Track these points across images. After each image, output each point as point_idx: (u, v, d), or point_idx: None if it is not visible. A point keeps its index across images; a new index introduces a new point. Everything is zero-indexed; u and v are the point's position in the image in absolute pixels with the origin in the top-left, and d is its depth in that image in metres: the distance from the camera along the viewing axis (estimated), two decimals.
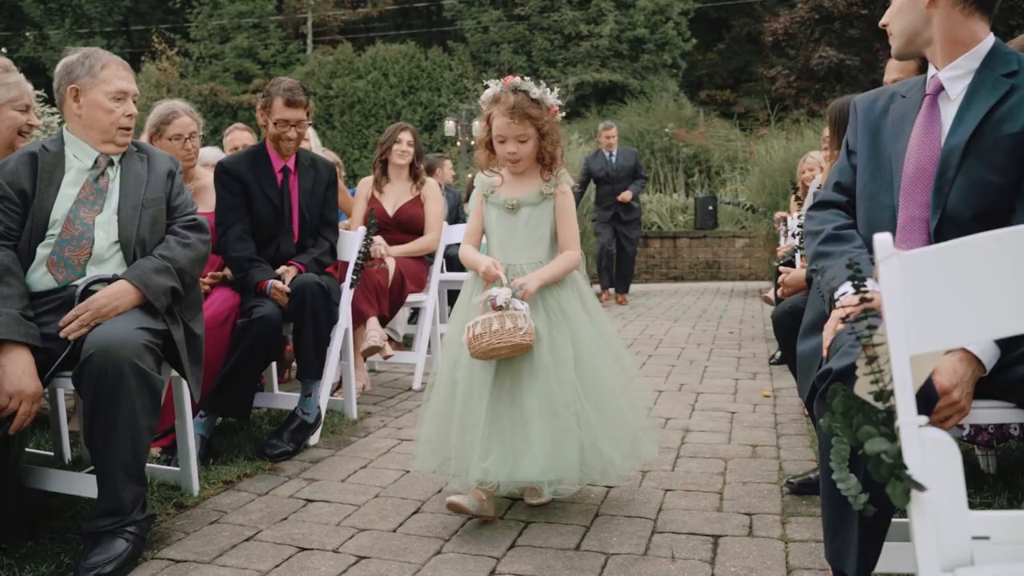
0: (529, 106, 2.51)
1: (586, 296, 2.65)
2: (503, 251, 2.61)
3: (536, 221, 2.59)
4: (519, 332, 2.34)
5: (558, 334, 2.51)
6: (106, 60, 2.63)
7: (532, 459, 2.38)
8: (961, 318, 1.07)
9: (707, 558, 2.24)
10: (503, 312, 2.37)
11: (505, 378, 2.48)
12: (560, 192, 2.60)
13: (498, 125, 2.53)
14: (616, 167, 8.68)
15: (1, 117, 2.69)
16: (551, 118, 2.57)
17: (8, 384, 2.19)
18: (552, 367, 2.45)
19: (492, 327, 2.35)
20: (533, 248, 2.59)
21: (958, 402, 1.55)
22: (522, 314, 2.39)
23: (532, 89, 2.53)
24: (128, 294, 2.39)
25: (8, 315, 2.25)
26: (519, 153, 2.54)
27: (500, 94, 2.54)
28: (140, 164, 2.63)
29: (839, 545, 1.53)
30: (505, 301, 2.39)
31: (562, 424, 2.41)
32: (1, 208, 2.42)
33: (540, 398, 2.43)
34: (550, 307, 2.55)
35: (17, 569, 2.19)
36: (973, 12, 1.85)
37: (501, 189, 2.63)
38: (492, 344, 2.35)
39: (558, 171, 2.61)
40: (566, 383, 2.45)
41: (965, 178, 1.80)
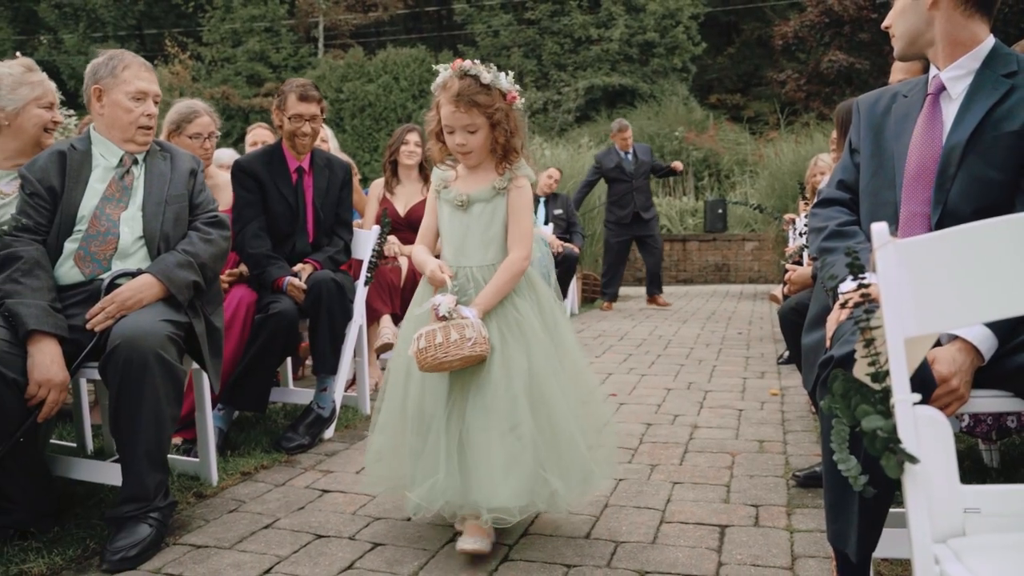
0: (477, 92, 2.27)
1: (545, 303, 2.42)
2: (455, 252, 2.40)
3: (488, 219, 2.36)
4: (467, 343, 2.15)
5: (511, 345, 2.28)
6: (128, 61, 2.71)
7: (478, 483, 2.17)
8: (954, 302, 1.13)
9: (714, 547, 2.30)
10: (448, 323, 2.17)
11: (456, 392, 2.30)
12: (515, 187, 2.36)
13: (445, 114, 2.31)
14: (637, 164, 8.38)
15: (27, 115, 2.77)
16: (505, 105, 2.32)
17: (37, 373, 2.27)
18: (503, 381, 2.23)
19: (436, 340, 2.15)
20: (486, 249, 2.37)
21: (957, 390, 1.60)
22: (469, 323, 2.18)
23: (483, 74, 2.28)
24: (152, 287, 2.47)
25: (37, 307, 2.33)
26: (469, 145, 2.31)
27: (448, 80, 2.30)
28: (163, 162, 2.71)
29: (840, 526, 1.58)
30: (449, 311, 2.19)
31: (516, 443, 2.19)
32: (31, 204, 2.50)
33: (488, 415, 2.21)
34: (502, 314, 2.32)
35: (46, 552, 2.27)
36: (974, 14, 1.90)
37: (455, 184, 2.42)
38: (438, 358, 2.15)
39: (516, 164, 2.37)
40: (520, 399, 2.22)
41: (966, 175, 1.85)
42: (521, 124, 2.37)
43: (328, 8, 27.74)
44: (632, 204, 8.38)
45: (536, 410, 2.24)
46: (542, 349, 2.30)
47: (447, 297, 2.22)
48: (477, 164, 2.38)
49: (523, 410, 2.21)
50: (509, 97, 2.33)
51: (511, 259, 2.32)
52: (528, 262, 2.35)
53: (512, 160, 2.36)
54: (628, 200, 8.39)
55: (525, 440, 2.19)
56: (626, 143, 8.45)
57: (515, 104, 2.35)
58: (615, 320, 7.60)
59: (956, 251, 1.15)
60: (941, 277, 1.15)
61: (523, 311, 2.33)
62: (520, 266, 2.33)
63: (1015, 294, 1.13)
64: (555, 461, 2.24)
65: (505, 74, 2.32)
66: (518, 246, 2.33)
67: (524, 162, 2.38)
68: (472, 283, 2.34)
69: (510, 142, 2.33)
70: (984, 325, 1.63)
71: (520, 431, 2.19)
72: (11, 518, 2.35)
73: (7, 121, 2.74)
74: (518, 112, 2.37)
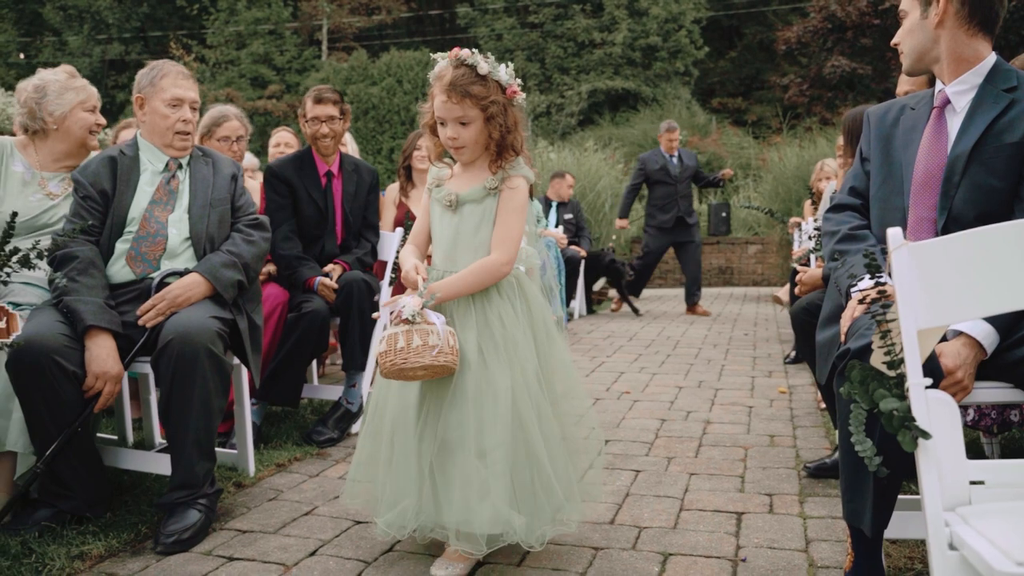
0: (472, 83, 2.11)
1: (538, 316, 2.24)
2: (444, 256, 2.25)
3: (478, 221, 2.20)
4: (430, 351, 1.98)
5: (492, 362, 2.09)
6: (167, 71, 2.85)
7: (453, 506, 2.04)
8: (961, 298, 1.27)
9: (732, 531, 2.44)
10: (412, 327, 2.01)
11: (431, 405, 2.14)
12: (507, 187, 2.19)
13: (437, 105, 2.16)
14: (681, 168, 8.13)
15: (74, 118, 2.91)
16: (503, 99, 2.16)
17: (95, 366, 2.42)
18: (477, 397, 2.07)
19: (397, 344, 2.00)
20: (475, 254, 2.19)
21: (961, 381, 1.74)
22: (435, 329, 2.01)
23: (480, 63, 2.12)
24: (200, 286, 2.61)
25: (94, 303, 2.48)
26: (461, 139, 2.15)
27: (443, 69, 2.16)
28: (206, 167, 2.86)
29: (856, 505, 1.72)
30: (413, 313, 2.01)
31: (494, 467, 2.02)
32: (85, 206, 2.65)
33: (467, 434, 2.05)
34: (484, 327, 2.14)
35: (103, 536, 2.41)
36: (976, 33, 2.05)
37: (449, 182, 2.27)
38: (397, 364, 1.99)
39: (512, 163, 2.20)
40: (497, 420, 2.04)
41: (969, 183, 1.99)
42: (521, 121, 2.21)
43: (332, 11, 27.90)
44: (676, 208, 8.11)
45: (513, 435, 2.06)
46: (526, 367, 2.11)
47: (412, 299, 2.05)
48: (470, 160, 2.22)
49: (503, 431, 2.03)
50: (509, 91, 2.17)
51: (490, 260, 2.15)
52: (510, 268, 2.17)
53: (507, 159, 2.19)
54: (672, 204, 8.13)
55: (503, 464, 2.02)
56: (672, 145, 8.19)
57: (515, 99, 2.19)
58: (623, 321, 7.74)
59: (963, 253, 1.29)
60: (949, 275, 1.30)
61: (509, 325, 2.15)
62: (497, 270, 2.14)
63: (1015, 291, 1.28)
64: (527, 495, 2.07)
65: (505, 66, 2.17)
66: (500, 248, 2.15)
67: (522, 161, 2.22)
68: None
69: (506, 139, 2.16)
70: (986, 321, 1.77)
71: (498, 454, 2.02)
72: (68, 504, 2.49)
73: (55, 125, 2.88)
74: (518, 108, 2.21)
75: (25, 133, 2.94)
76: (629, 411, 3.98)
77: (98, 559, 2.31)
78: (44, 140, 2.91)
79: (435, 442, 2.09)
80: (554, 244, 6.89)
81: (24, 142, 2.94)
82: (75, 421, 2.42)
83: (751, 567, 2.19)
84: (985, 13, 2.03)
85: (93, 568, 2.26)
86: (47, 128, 2.88)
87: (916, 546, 2.21)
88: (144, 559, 2.32)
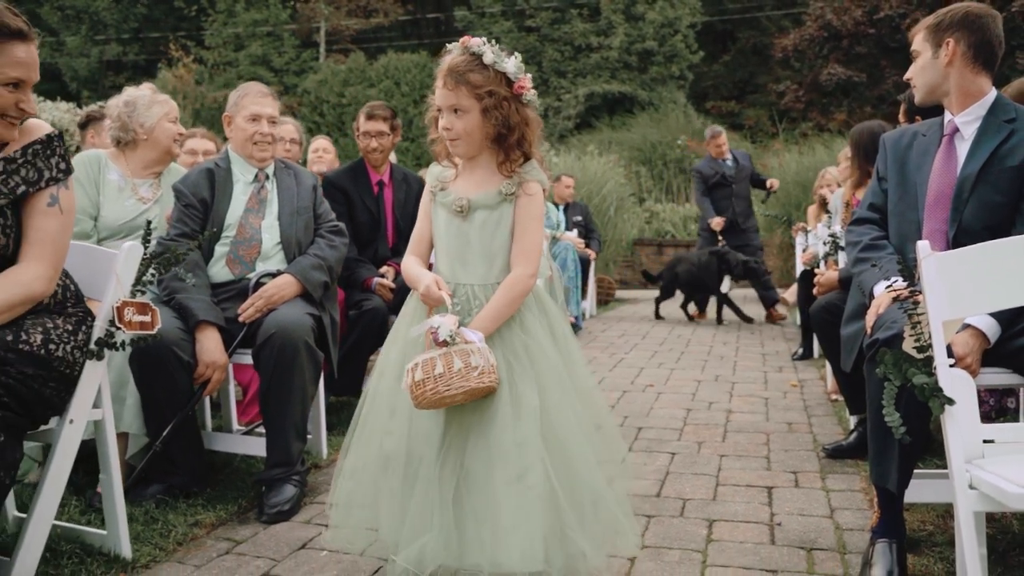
0: (471, 70, 1.93)
1: (556, 323, 2.07)
2: (451, 266, 2.05)
3: (493, 229, 2.01)
4: (474, 372, 1.80)
5: (520, 376, 1.93)
6: (248, 91, 3.18)
7: (479, 542, 1.83)
8: (975, 296, 1.62)
9: (765, 502, 2.78)
10: (450, 348, 1.82)
11: (453, 432, 1.95)
12: (525, 193, 2.01)
13: (436, 94, 2.00)
14: (737, 168, 7.91)
15: (161, 129, 3.22)
16: (507, 92, 1.96)
17: (206, 356, 2.74)
18: (512, 419, 1.88)
19: (436, 370, 1.80)
20: (489, 264, 2.02)
21: (970, 365, 2.08)
22: (475, 348, 1.84)
23: (486, 52, 1.95)
24: (292, 286, 2.94)
25: (203, 300, 2.80)
26: (454, 129, 1.97)
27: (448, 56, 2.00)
28: (290, 179, 3.18)
29: (883, 468, 2.06)
30: (450, 334, 1.83)
31: (526, 495, 1.83)
32: (188, 214, 2.97)
33: (494, 459, 1.86)
34: (508, 339, 1.98)
35: (211, 507, 2.74)
36: (980, 71, 2.40)
37: (453, 185, 2.06)
38: (440, 392, 1.80)
39: (526, 166, 2.03)
40: (531, 441, 1.86)
41: (976, 200, 2.34)
42: (533, 120, 2.01)
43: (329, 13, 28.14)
44: (730, 210, 7.89)
45: (552, 454, 1.88)
46: (556, 380, 1.95)
47: (448, 318, 1.87)
48: (466, 155, 2.03)
49: (534, 454, 1.85)
50: (516, 86, 1.97)
51: (515, 277, 1.98)
52: (535, 280, 2.02)
53: (514, 160, 2.01)
54: (726, 206, 7.90)
55: (536, 491, 1.82)
56: (721, 150, 8.01)
57: (524, 96, 1.99)
58: (633, 321, 8.09)
59: (976, 261, 1.65)
60: (966, 278, 1.65)
61: (533, 334, 2.00)
62: (525, 285, 1.99)
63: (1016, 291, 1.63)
64: (578, 516, 1.89)
65: (515, 58, 1.98)
66: (523, 262, 1.99)
67: (536, 165, 2.04)
68: (473, 304, 2.01)
69: (508, 136, 1.98)
70: (990, 316, 2.11)
71: (530, 480, 1.83)
72: (177, 480, 2.82)
73: (145, 136, 3.19)
74: (530, 106, 2.01)
75: (116, 145, 3.25)
76: (656, 402, 4.33)
77: (212, 527, 2.63)
78: (134, 150, 3.22)
79: (459, 470, 1.89)
80: (571, 247, 7.23)
81: (115, 153, 3.25)
82: (188, 405, 2.75)
83: (786, 530, 2.53)
84: (987, 55, 2.38)
85: (210, 534, 2.58)
86: (137, 139, 3.19)
87: (928, 511, 2.56)
88: (252, 527, 2.64)
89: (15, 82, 1.93)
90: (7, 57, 1.90)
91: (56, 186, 2.04)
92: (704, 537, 2.50)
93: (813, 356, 5.54)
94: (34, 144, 2.02)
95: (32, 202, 2.00)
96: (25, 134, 2.03)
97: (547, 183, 2.10)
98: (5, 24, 1.90)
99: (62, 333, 1.99)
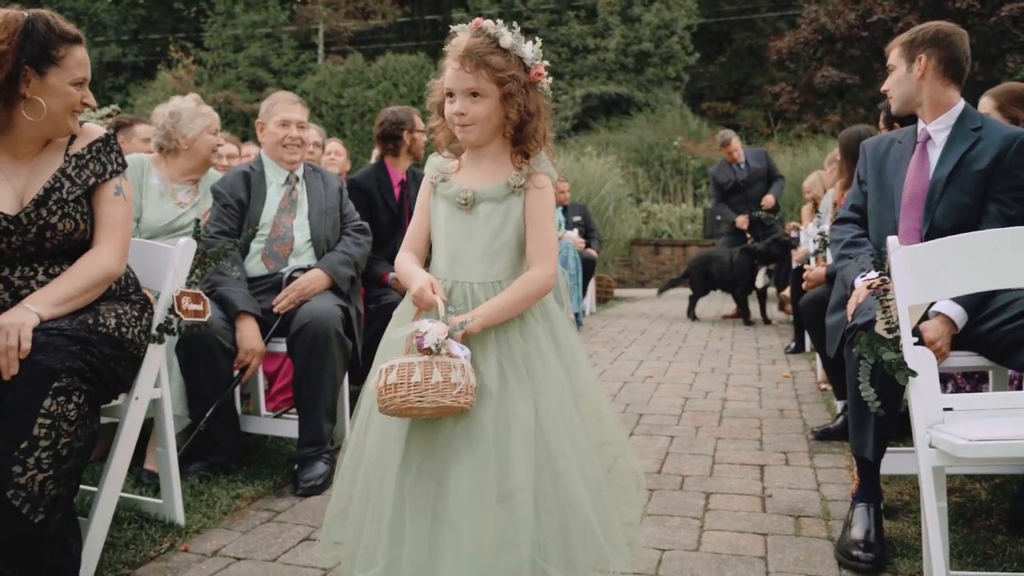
0: (491, 52, 1.79)
1: (560, 329, 1.90)
2: (450, 263, 1.89)
3: (499, 223, 1.87)
4: (452, 390, 1.66)
5: (514, 386, 1.78)
6: (278, 99, 3.44)
7: (454, 563, 1.68)
8: (938, 284, 1.87)
9: (757, 478, 3.04)
10: (432, 358, 1.67)
11: (425, 439, 1.78)
12: (535, 186, 1.87)
13: (447, 76, 1.85)
14: (749, 172, 7.89)
15: (202, 140, 3.46)
16: (525, 77, 1.83)
17: (246, 343, 2.99)
18: (497, 433, 1.74)
19: (412, 378, 1.66)
20: (492, 261, 1.87)
21: (940, 349, 2.34)
22: (459, 363, 1.68)
23: (503, 35, 1.81)
24: (322, 279, 3.19)
25: (242, 292, 3.05)
26: (470, 114, 1.82)
27: (460, 39, 1.85)
28: (317, 181, 3.43)
29: (861, 439, 2.32)
30: (437, 343, 1.68)
31: (508, 517, 1.69)
32: (226, 213, 3.22)
33: (476, 476, 1.71)
34: (504, 343, 1.82)
35: (249, 483, 2.98)
36: (949, 84, 2.66)
37: (456, 176, 1.92)
38: (409, 402, 1.66)
39: (537, 157, 1.90)
40: (520, 458, 1.72)
41: (947, 201, 2.59)
42: (545, 109, 1.90)
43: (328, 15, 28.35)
44: (747, 211, 7.93)
45: (540, 474, 1.74)
46: (555, 392, 1.80)
47: (437, 325, 1.70)
48: (477, 143, 1.88)
49: (523, 475, 1.71)
50: (533, 72, 1.84)
51: (534, 275, 1.84)
52: (554, 282, 1.88)
53: (531, 151, 1.88)
54: (743, 210, 7.98)
55: (519, 514, 1.69)
56: (734, 155, 8.03)
57: (540, 84, 1.87)
58: (632, 318, 8.35)
59: (939, 254, 1.90)
60: (930, 269, 1.90)
61: (533, 341, 1.84)
62: (544, 285, 1.85)
63: (975, 280, 1.89)
64: (559, 546, 1.74)
65: (532, 43, 1.85)
66: (542, 260, 1.85)
67: (545, 157, 1.91)
68: (470, 303, 1.85)
69: (527, 125, 1.85)
70: (958, 304, 2.36)
71: (515, 502, 1.70)
72: (217, 458, 3.06)
73: (186, 146, 3.43)
74: (543, 94, 1.89)
75: (159, 151, 3.49)
76: (655, 392, 4.59)
77: (252, 499, 2.88)
78: (175, 157, 3.46)
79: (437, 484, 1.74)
80: (572, 245, 7.48)
81: (157, 159, 3.49)
82: (228, 388, 2.99)
83: (776, 501, 2.79)
84: (956, 70, 2.64)
85: (251, 505, 2.83)
86: (179, 148, 3.43)
87: (905, 483, 2.82)
88: (289, 499, 2.89)
89: (80, 81, 2.18)
90: (72, 60, 2.15)
91: (118, 177, 2.29)
92: (702, 507, 2.75)
93: (805, 350, 5.80)
94: (96, 142, 2.28)
95: (100, 192, 2.24)
96: (87, 135, 2.29)
97: (555, 175, 1.93)
98: (67, 31, 2.16)
99: (130, 318, 2.23)
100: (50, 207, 2.10)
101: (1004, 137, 2.56)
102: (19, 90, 2.05)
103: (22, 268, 2.08)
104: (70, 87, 2.13)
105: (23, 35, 2.04)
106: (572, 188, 9.96)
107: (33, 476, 1.83)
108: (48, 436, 1.85)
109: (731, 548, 2.41)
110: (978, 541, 2.34)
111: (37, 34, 2.06)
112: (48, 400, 1.86)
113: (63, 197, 2.13)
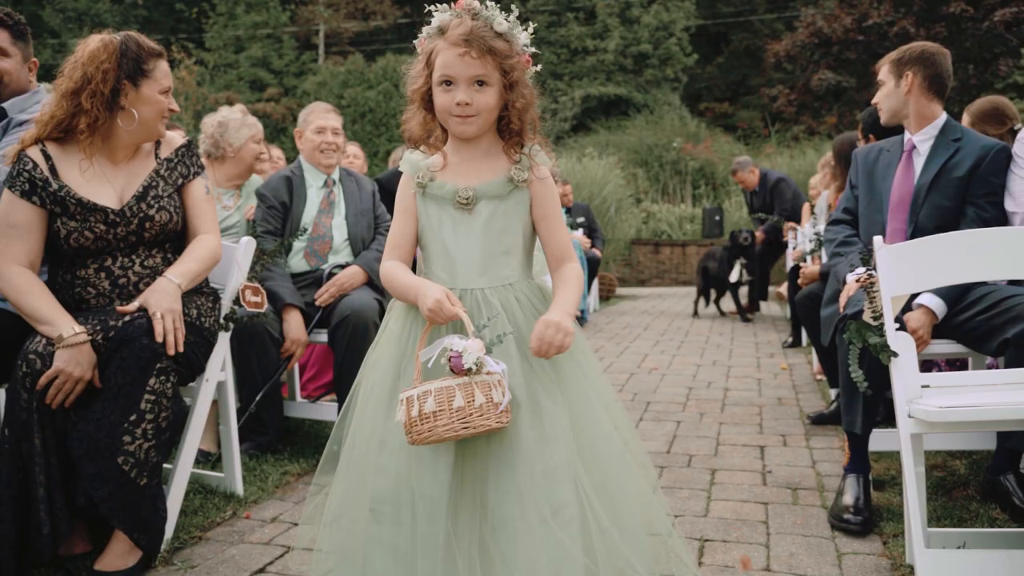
0: (495, 37, 1.66)
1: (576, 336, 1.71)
2: (451, 270, 1.74)
3: (504, 223, 1.74)
4: (495, 411, 1.53)
5: (543, 394, 1.65)
6: (314, 108, 3.73)
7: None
8: (918, 278, 2.17)
9: (758, 457, 3.33)
10: (472, 378, 1.54)
11: (468, 466, 1.64)
12: (538, 177, 1.75)
13: (445, 61, 1.67)
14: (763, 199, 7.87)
15: (247, 148, 3.74)
16: (524, 66, 1.72)
17: (293, 333, 3.28)
18: (538, 443, 1.61)
19: (453, 403, 1.51)
20: (500, 263, 1.74)
21: (922, 337, 2.63)
22: (498, 380, 1.56)
23: (497, 18, 1.68)
24: (359, 275, 3.47)
25: (288, 286, 3.34)
26: (475, 104, 1.67)
27: (448, 21, 1.68)
28: (353, 184, 3.72)
29: (851, 416, 2.61)
30: (477, 362, 1.54)
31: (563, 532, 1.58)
32: (271, 214, 3.50)
33: (523, 494, 1.58)
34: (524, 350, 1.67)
35: (294, 461, 3.26)
36: (933, 99, 2.95)
37: (443, 174, 1.75)
38: (454, 430, 1.52)
39: (531, 147, 1.76)
40: (562, 468, 1.61)
41: (930, 205, 2.88)
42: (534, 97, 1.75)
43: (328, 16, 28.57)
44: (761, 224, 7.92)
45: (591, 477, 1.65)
46: (583, 393, 1.71)
47: (473, 342, 1.56)
48: (474, 136, 1.73)
49: (567, 485, 1.61)
50: (524, 60, 1.72)
51: (574, 269, 1.77)
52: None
53: (530, 141, 1.76)
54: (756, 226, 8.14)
55: (573, 527, 1.59)
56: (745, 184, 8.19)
57: (528, 70, 1.74)
58: (635, 315, 8.65)
59: (920, 252, 2.19)
60: (912, 265, 2.19)
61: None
62: (581, 278, 1.77)
63: (951, 275, 2.18)
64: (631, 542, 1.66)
65: (524, 29, 1.72)
66: (571, 254, 1.78)
67: (538, 146, 1.78)
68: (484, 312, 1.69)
69: (526, 115, 1.72)
70: (938, 297, 2.65)
71: (565, 515, 1.59)
72: (263, 439, 3.34)
73: (232, 154, 3.71)
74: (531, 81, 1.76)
75: (207, 158, 3.77)
76: (661, 382, 4.88)
77: (299, 475, 3.16)
78: (221, 164, 3.74)
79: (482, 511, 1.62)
80: (577, 244, 7.77)
81: (205, 164, 3.76)
82: (276, 374, 3.28)
83: (776, 476, 3.08)
84: (939, 86, 2.94)
85: (299, 480, 3.12)
86: (225, 155, 3.71)
87: (893, 460, 3.11)
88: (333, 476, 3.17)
89: (166, 89, 2.46)
90: (160, 71, 2.44)
91: (201, 177, 2.58)
92: (708, 481, 3.04)
93: (802, 344, 6.09)
94: (180, 148, 2.58)
95: (190, 190, 2.55)
96: (170, 143, 2.58)
97: (550, 163, 1.80)
98: (152, 47, 2.44)
99: (205, 309, 2.52)
100: (148, 201, 2.40)
101: (981, 147, 2.85)
102: (120, 101, 2.33)
103: (122, 259, 2.36)
104: (159, 95, 2.42)
105: (120, 54, 2.32)
106: (575, 189, 10.26)
107: (140, 445, 2.11)
108: (152, 410, 2.13)
109: (736, 514, 2.70)
110: (955, 507, 2.63)
111: (131, 52, 2.35)
112: (153, 379, 2.15)
113: (159, 193, 2.43)
